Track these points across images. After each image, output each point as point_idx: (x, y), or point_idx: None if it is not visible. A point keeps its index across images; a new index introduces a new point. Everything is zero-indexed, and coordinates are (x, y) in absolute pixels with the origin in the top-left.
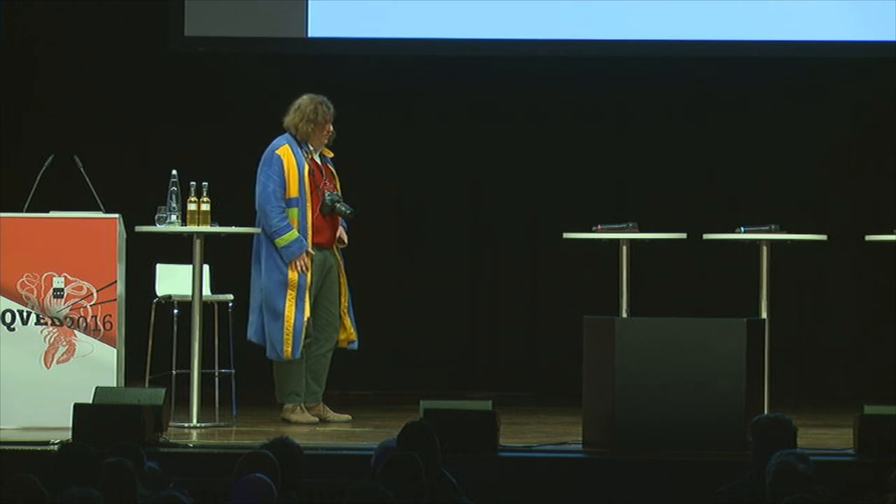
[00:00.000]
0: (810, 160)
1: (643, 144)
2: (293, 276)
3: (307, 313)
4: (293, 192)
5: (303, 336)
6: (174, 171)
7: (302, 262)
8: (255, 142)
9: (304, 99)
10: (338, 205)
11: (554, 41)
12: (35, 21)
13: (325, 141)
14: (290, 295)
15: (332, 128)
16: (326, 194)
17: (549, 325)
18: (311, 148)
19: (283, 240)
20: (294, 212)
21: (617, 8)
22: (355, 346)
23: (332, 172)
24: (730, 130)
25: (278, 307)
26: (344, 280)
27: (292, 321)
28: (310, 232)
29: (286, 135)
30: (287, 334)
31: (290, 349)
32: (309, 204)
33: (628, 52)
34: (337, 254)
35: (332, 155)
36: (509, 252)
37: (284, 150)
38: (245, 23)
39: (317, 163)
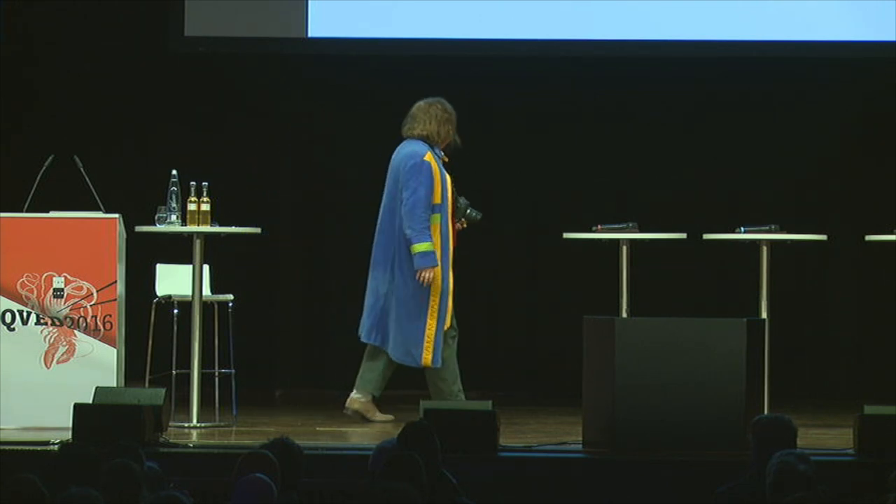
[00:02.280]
0: (810, 160)
1: (643, 144)
2: (438, 283)
3: (448, 322)
4: (437, 198)
5: (442, 342)
6: (174, 171)
7: (429, 275)
8: (255, 142)
9: (428, 106)
10: (471, 210)
11: (554, 41)
12: (35, 21)
13: (450, 143)
14: (434, 301)
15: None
16: (462, 200)
17: (549, 325)
18: (442, 153)
19: (423, 247)
20: (437, 217)
21: (617, 8)
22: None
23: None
24: (730, 130)
25: (422, 313)
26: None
27: (434, 328)
28: (451, 237)
29: (419, 142)
30: (428, 341)
31: (429, 356)
32: (449, 210)
33: (628, 52)
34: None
35: (447, 159)
36: (509, 252)
37: (430, 157)
38: (245, 23)
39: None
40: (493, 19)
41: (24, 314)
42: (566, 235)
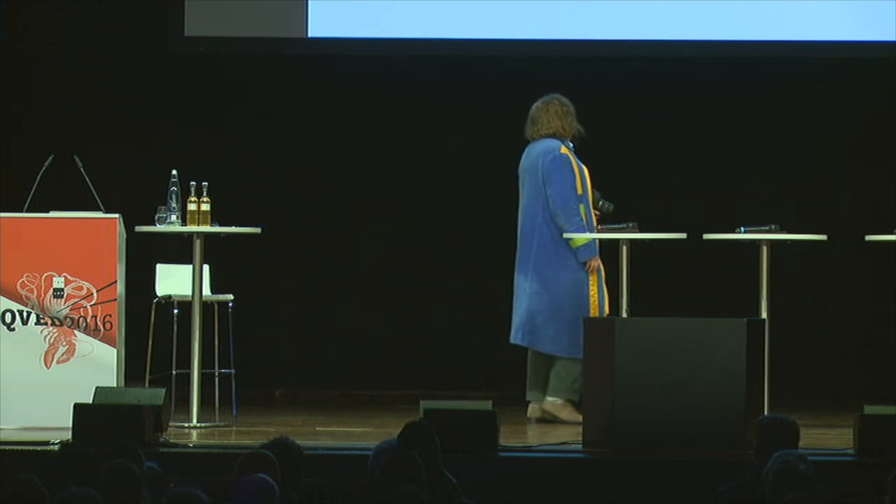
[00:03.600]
0: (810, 160)
1: (643, 144)
2: (594, 274)
3: (606, 310)
4: (580, 189)
5: None
6: (174, 171)
7: (596, 263)
8: (255, 142)
9: (545, 105)
10: (602, 200)
11: (554, 41)
12: (35, 21)
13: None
14: (594, 291)
15: None
16: (596, 192)
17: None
18: (571, 146)
19: (582, 239)
20: (581, 208)
21: (617, 8)
22: None
23: None
24: (730, 130)
25: (585, 304)
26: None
27: (595, 312)
28: (595, 225)
29: (552, 139)
30: None
31: None
32: (590, 200)
33: (628, 52)
34: None
35: None
36: (509, 252)
37: (565, 150)
38: (245, 23)
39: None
40: (493, 19)
41: (24, 314)
42: (566, 235)
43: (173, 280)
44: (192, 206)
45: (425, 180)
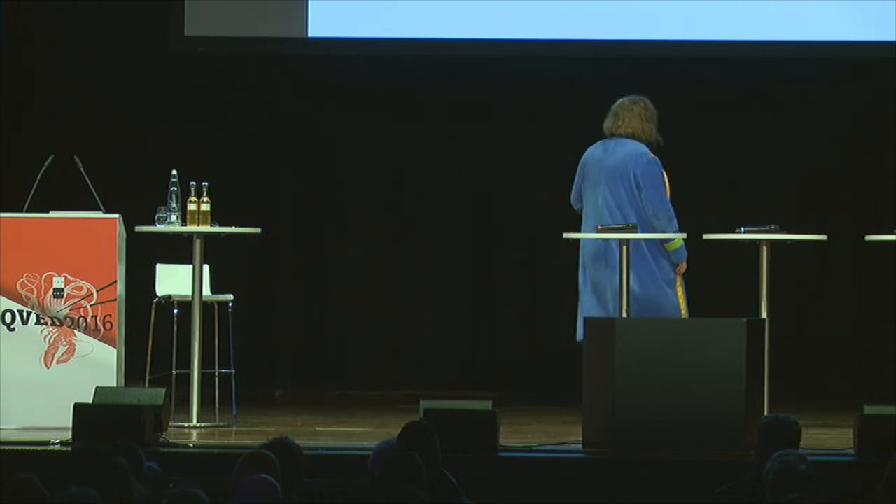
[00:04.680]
0: (810, 160)
1: None
2: (680, 276)
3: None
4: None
5: None
6: (174, 171)
7: (685, 266)
8: (255, 142)
9: (631, 104)
10: None
11: (553, 41)
12: (35, 21)
13: None
14: (681, 293)
15: None
16: None
17: (549, 325)
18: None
19: (678, 243)
20: None
21: (616, 8)
22: None
23: None
24: (730, 130)
25: (674, 305)
26: None
27: (685, 314)
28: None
29: (633, 141)
30: None
31: None
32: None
33: (628, 52)
34: None
35: None
36: (509, 252)
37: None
38: (245, 23)
39: None
40: (493, 19)
41: (24, 314)
42: (566, 235)
43: (173, 280)
44: (192, 206)
45: (425, 180)
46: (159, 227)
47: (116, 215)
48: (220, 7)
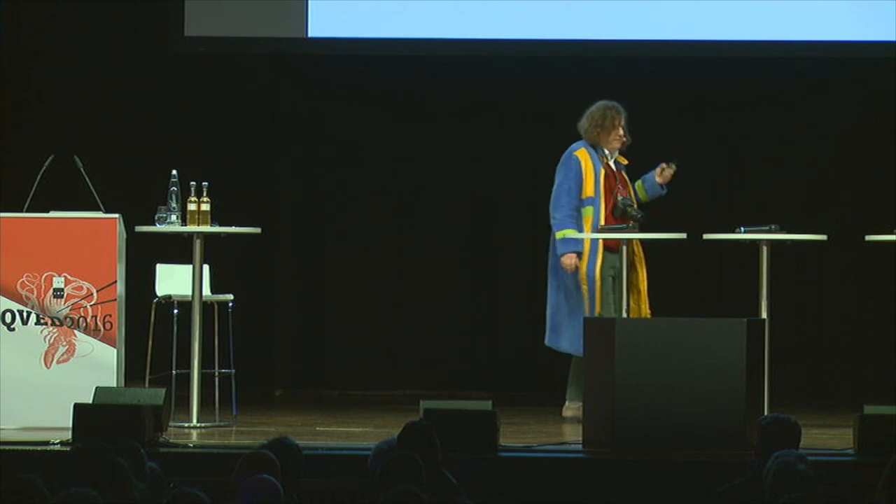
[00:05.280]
0: (810, 160)
1: (643, 144)
2: (583, 272)
3: (598, 309)
4: (589, 191)
5: None
6: (174, 171)
7: (571, 262)
8: (255, 142)
9: (597, 105)
10: (629, 208)
11: (554, 41)
12: (35, 21)
13: (617, 146)
14: (585, 290)
15: (623, 132)
16: (619, 198)
17: None
18: (606, 153)
19: (561, 234)
20: (589, 210)
21: (616, 8)
22: None
23: (625, 179)
24: (730, 130)
25: (578, 304)
26: (643, 277)
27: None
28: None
29: (583, 140)
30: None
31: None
32: (603, 204)
33: (628, 52)
34: (636, 253)
35: (626, 162)
36: (509, 252)
37: (582, 153)
38: (245, 23)
39: (611, 167)
40: (493, 19)
41: (24, 314)
42: (567, 235)
43: (173, 280)
44: (192, 206)
45: (425, 180)
46: (159, 227)
47: (116, 215)
48: (220, 7)
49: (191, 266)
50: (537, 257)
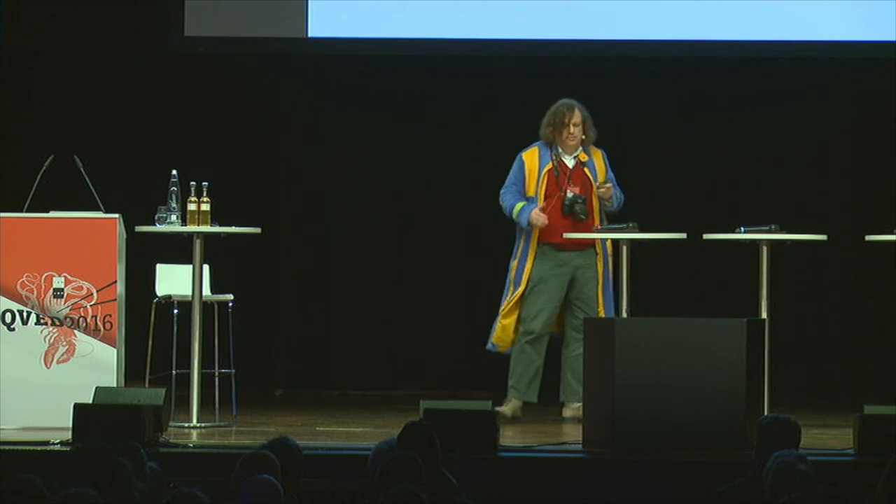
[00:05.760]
0: (810, 160)
1: (643, 144)
2: (513, 274)
3: (514, 312)
4: (531, 191)
5: (497, 331)
6: (174, 171)
7: (538, 216)
8: (255, 142)
9: (556, 103)
10: (576, 206)
11: (554, 41)
12: (35, 21)
13: (572, 143)
14: (510, 289)
15: (575, 130)
16: (569, 195)
17: None
18: (560, 150)
19: (516, 211)
20: (519, 206)
21: (617, 8)
22: None
23: (586, 176)
24: (730, 130)
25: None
26: (601, 281)
27: (501, 314)
28: (545, 233)
29: (541, 139)
30: (497, 327)
31: (491, 339)
32: (540, 202)
33: (628, 52)
34: (595, 255)
35: (586, 158)
36: (509, 252)
37: (530, 153)
38: (245, 23)
39: (566, 165)
40: (492, 19)
41: (24, 314)
42: (566, 235)
43: (173, 280)
44: (192, 206)
45: (425, 180)
46: (159, 227)
47: (116, 215)
48: (220, 7)
49: (191, 266)
50: None
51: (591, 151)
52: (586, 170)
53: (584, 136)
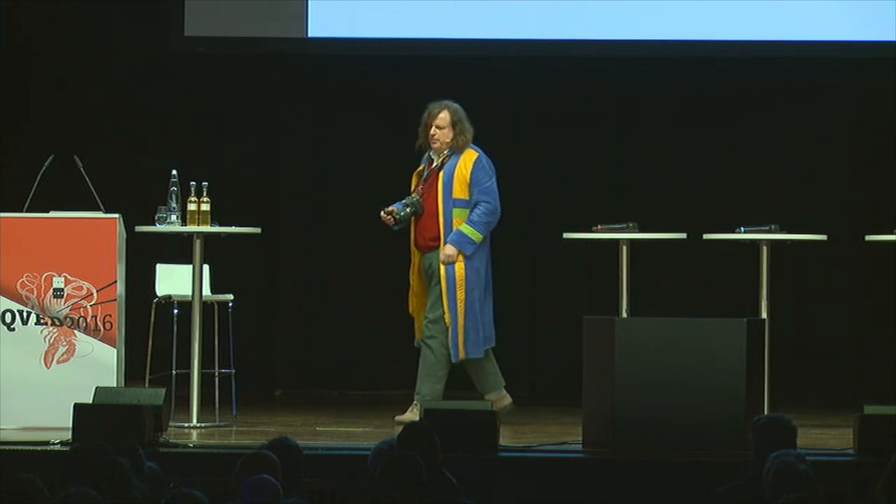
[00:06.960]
0: (810, 160)
1: (643, 144)
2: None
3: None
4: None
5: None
6: (174, 171)
7: (384, 216)
8: (255, 142)
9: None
10: (408, 208)
11: (554, 41)
12: (35, 21)
13: (436, 146)
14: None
15: (437, 131)
16: (412, 197)
17: (549, 325)
18: (432, 153)
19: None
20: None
21: (616, 8)
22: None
23: (437, 177)
24: (730, 130)
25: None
26: (444, 286)
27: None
28: (413, 234)
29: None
30: None
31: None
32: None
33: (628, 51)
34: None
35: (447, 161)
36: (509, 252)
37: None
38: (245, 23)
39: (432, 168)
40: (492, 19)
41: (24, 314)
42: (566, 235)
43: (173, 280)
44: (192, 206)
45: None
46: (159, 227)
47: (116, 215)
48: (220, 7)
49: (191, 266)
50: (538, 257)
51: (464, 156)
52: (441, 173)
53: (452, 140)
